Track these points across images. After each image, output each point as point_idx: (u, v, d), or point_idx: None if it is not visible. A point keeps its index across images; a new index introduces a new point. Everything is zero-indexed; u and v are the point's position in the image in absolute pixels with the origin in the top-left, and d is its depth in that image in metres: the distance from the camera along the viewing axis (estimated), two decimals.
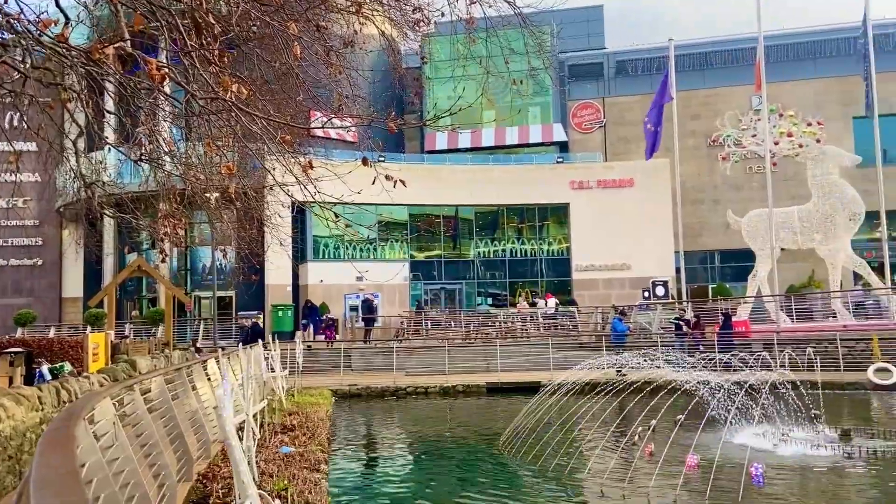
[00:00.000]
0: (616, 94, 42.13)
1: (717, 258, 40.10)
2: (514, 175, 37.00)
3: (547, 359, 21.17)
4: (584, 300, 33.99)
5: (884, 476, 9.14)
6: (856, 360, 19.52)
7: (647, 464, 9.63)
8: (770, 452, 10.40)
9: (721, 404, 10.89)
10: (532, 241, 37.65)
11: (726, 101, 36.78)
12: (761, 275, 25.95)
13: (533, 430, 11.38)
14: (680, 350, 20.28)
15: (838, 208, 24.44)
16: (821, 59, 39.50)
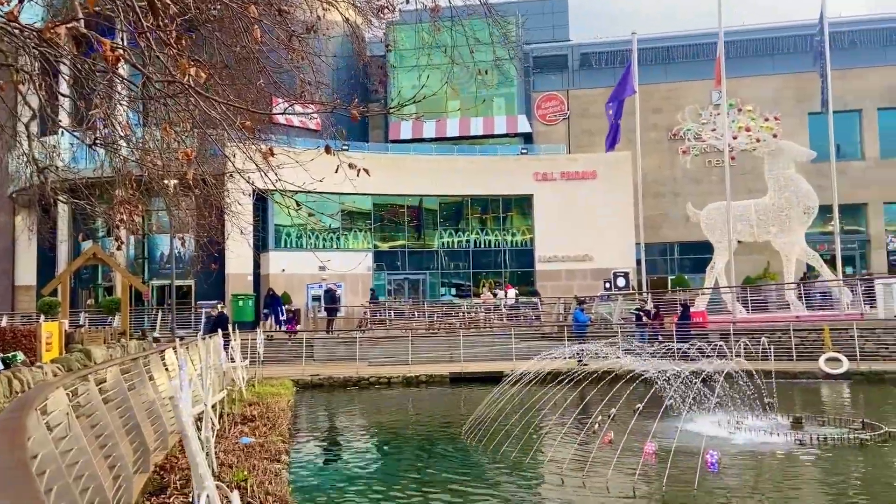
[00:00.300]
0: (580, 86, 42.44)
1: (676, 250, 40.79)
2: (478, 166, 37.07)
3: (510, 349, 21.34)
4: (547, 291, 34.27)
5: (833, 462, 9.42)
6: (808, 349, 20.08)
7: (606, 452, 9.77)
8: (725, 440, 10.65)
9: (679, 393, 11.10)
10: (496, 231, 37.81)
11: (687, 95, 37.37)
12: (719, 266, 26.50)
13: (495, 419, 11.45)
14: (640, 340, 20.63)
15: (793, 202, 25.05)
16: (779, 55, 40.35)
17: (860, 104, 39.37)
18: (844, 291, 24.41)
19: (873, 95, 39.38)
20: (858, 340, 19.62)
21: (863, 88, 39.19)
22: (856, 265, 39.44)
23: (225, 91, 7.17)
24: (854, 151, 40.04)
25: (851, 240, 39.34)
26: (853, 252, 39.67)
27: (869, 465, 9.26)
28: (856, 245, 39.85)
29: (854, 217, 39.77)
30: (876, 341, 20.03)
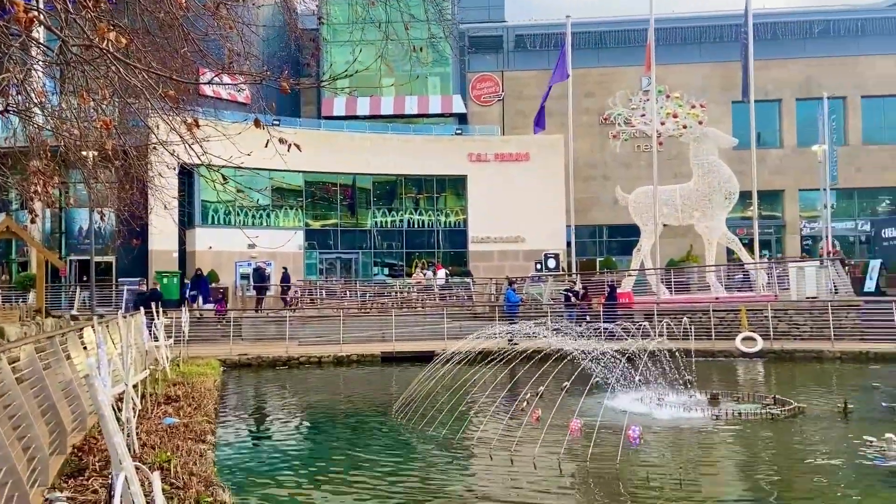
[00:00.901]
0: (515, 68, 42.69)
1: (605, 232, 41.81)
2: (412, 145, 36.89)
3: (442, 329, 21.46)
4: (480, 271, 34.59)
5: (746, 436, 9.90)
6: (726, 329, 20.98)
7: (534, 429, 9.97)
8: (647, 416, 11.03)
9: (604, 371, 11.42)
10: (430, 212, 37.81)
11: (619, 80, 38.08)
12: (645, 249, 27.29)
13: (425, 398, 11.51)
14: (568, 320, 21.07)
15: (716, 187, 25.94)
16: (706, 44, 41.56)
17: (780, 94, 41.07)
18: (761, 274, 25.58)
19: (792, 86, 41.14)
20: (772, 321, 20.63)
21: (783, 79, 40.88)
22: (772, 249, 41.38)
23: (147, 58, 6.84)
24: (773, 140, 41.82)
25: (768, 225, 41.21)
26: (770, 236, 41.60)
27: (779, 438, 9.77)
28: (772, 230, 41.78)
29: (771, 203, 41.62)
30: (788, 322, 21.10)
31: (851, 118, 41.30)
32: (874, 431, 9.32)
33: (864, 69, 41.01)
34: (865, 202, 42.48)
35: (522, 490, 7.58)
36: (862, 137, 41.29)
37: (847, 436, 9.52)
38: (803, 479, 7.77)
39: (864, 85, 41.03)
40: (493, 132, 39.14)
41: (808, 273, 23.05)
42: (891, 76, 40.85)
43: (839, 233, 40.62)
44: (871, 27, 41.36)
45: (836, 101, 39.57)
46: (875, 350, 18.45)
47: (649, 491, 7.40)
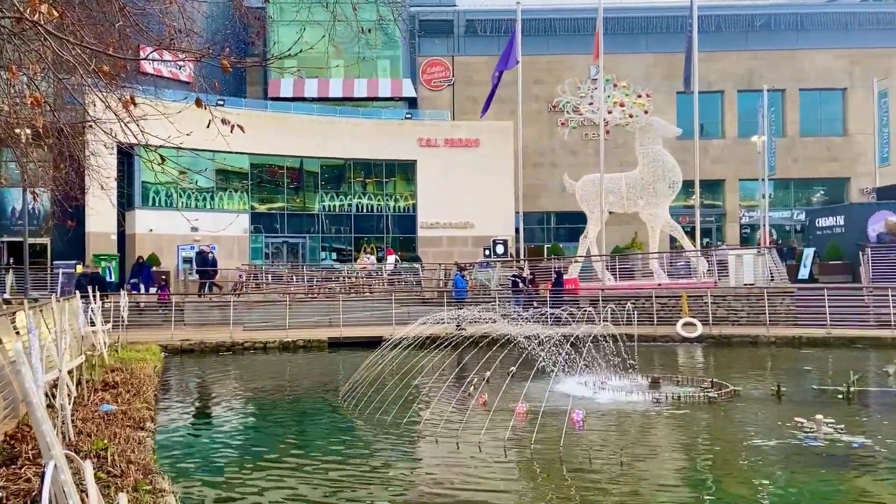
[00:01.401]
0: (465, 53, 42.61)
1: (553, 219, 42.30)
2: (362, 129, 36.55)
3: (390, 314, 21.40)
4: (429, 257, 34.63)
5: (685, 419, 10.19)
6: (667, 315, 21.52)
7: (480, 413, 10.05)
8: (590, 399, 11.24)
9: (550, 356, 11.58)
10: (379, 196, 37.61)
11: (567, 68, 38.43)
12: (591, 236, 27.73)
13: (372, 383, 11.48)
14: (516, 305, 21.29)
15: (660, 176, 26.49)
16: (652, 35, 42.24)
17: (723, 86, 42.13)
18: (701, 261, 26.30)
19: (734, 78, 42.24)
20: (711, 307, 21.26)
21: (725, 71, 41.92)
22: (713, 237, 42.58)
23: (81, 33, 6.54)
24: (715, 130, 42.92)
25: (710, 213, 42.36)
26: (711, 225, 42.78)
27: (716, 420, 10.09)
28: (713, 218, 42.97)
29: (712, 192, 42.77)
30: (727, 307, 21.77)
31: (790, 110, 42.68)
32: (804, 413, 9.71)
33: (803, 63, 42.38)
34: (801, 192, 44.08)
35: (468, 474, 7.63)
36: (799, 130, 42.74)
37: (779, 417, 9.88)
38: (738, 459, 8.04)
39: (803, 78, 42.42)
40: (443, 117, 39.08)
41: (746, 261, 23.80)
42: (827, 70, 42.34)
43: (776, 222, 42.08)
44: (811, 22, 42.70)
45: (776, 94, 40.82)
46: (807, 335, 19.21)
47: (591, 473, 7.55)
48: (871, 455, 8.03)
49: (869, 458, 7.93)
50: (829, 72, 42.33)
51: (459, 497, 6.90)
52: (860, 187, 40.85)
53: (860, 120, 41.05)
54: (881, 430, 9.15)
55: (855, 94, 41.89)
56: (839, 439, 8.58)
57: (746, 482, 7.23)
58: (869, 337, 18.78)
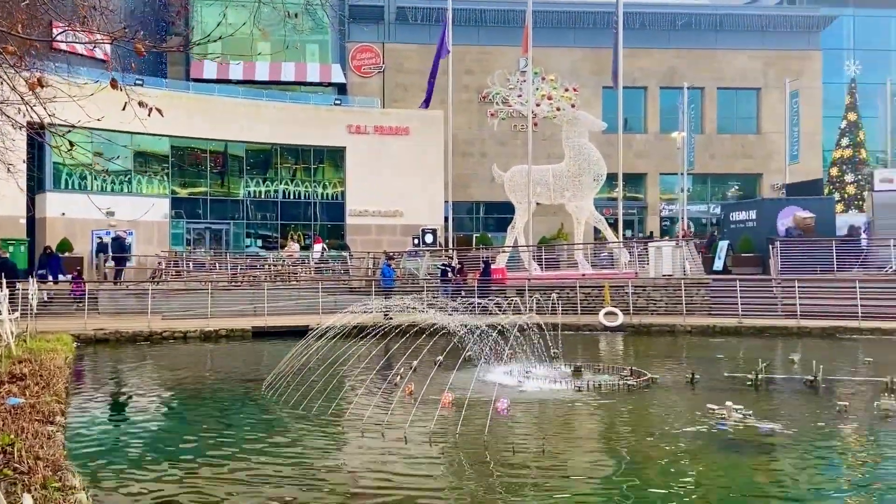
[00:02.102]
0: (396, 40, 42.30)
1: (482, 209, 42.66)
2: (289, 113, 35.80)
3: (316, 303, 21.15)
4: (357, 245, 34.36)
5: (605, 406, 10.50)
6: (591, 304, 22.10)
7: (406, 403, 10.07)
8: (515, 388, 11.44)
9: (476, 345, 11.70)
10: (307, 183, 37.00)
11: (497, 60, 38.71)
12: (519, 226, 28.12)
13: (298, 373, 11.31)
14: (444, 295, 21.41)
15: (585, 169, 27.06)
16: (580, 30, 42.99)
17: (646, 82, 43.35)
18: (623, 252, 27.10)
19: (657, 75, 43.55)
20: (632, 297, 21.95)
21: (649, 68, 43.15)
22: (634, 229, 43.93)
23: None
24: (638, 125, 44.16)
25: (632, 206, 43.63)
26: (633, 217, 44.10)
27: (634, 407, 10.44)
28: (635, 211, 44.31)
29: (635, 185, 44.09)
30: (646, 297, 22.53)
31: (708, 108, 44.36)
32: (716, 399, 10.17)
33: (721, 63, 44.09)
34: (717, 187, 45.98)
35: (393, 464, 7.64)
36: (716, 127, 44.51)
37: (693, 404, 10.31)
38: (654, 445, 8.35)
39: (721, 77, 44.15)
40: (373, 104, 38.72)
41: (665, 252, 24.66)
42: (744, 70, 44.20)
43: (693, 215, 43.78)
44: (729, 23, 44.42)
45: (695, 92, 42.36)
46: (720, 324, 20.10)
47: (514, 461, 7.68)
48: (776, 439, 8.49)
49: (775, 442, 8.38)
50: (745, 72, 44.21)
51: (382, 488, 6.90)
52: (771, 183, 42.93)
53: (773, 119, 43.09)
54: (786, 416, 9.68)
55: (768, 95, 43.92)
56: (747, 425, 9.03)
57: (662, 467, 7.52)
58: (777, 326, 19.81)
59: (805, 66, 43.77)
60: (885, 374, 11.62)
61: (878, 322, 19.37)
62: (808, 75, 43.37)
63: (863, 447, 8.48)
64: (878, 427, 9.12)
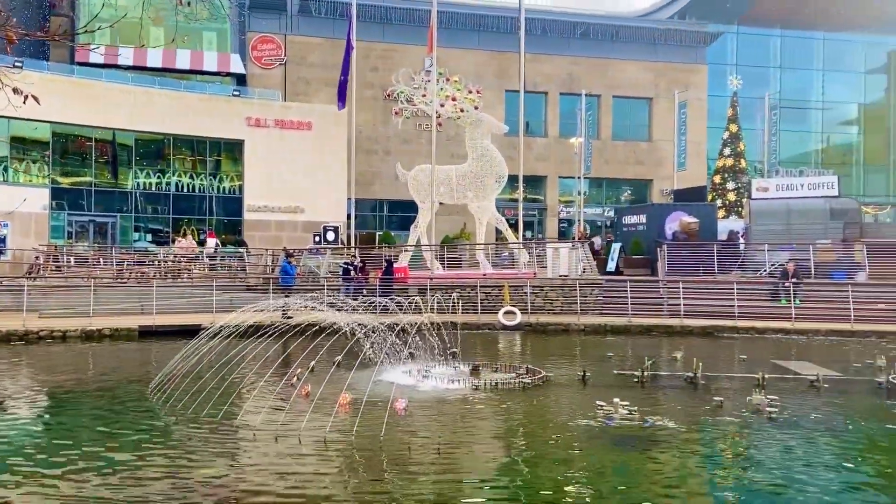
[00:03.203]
0: (299, 32, 41.42)
1: (385, 207, 42.50)
2: (184, 103, 34.32)
3: (210, 301, 20.41)
4: (256, 241, 33.43)
5: (501, 405, 10.68)
6: (491, 304, 22.46)
7: (303, 405, 9.87)
8: (413, 388, 11.45)
9: (375, 345, 11.62)
10: (202, 176, 35.63)
11: (402, 58, 38.63)
12: (421, 225, 28.20)
13: (188, 374, 10.86)
14: (345, 293, 21.16)
15: (488, 170, 27.47)
16: (484, 33, 43.67)
17: (547, 87, 44.57)
18: (523, 253, 27.73)
19: (557, 81, 44.85)
20: (530, 296, 22.49)
21: (549, 73, 44.39)
22: (534, 230, 45.07)
23: None
24: (539, 129, 45.36)
25: (532, 208, 44.79)
26: (533, 218, 45.25)
27: (529, 404, 10.68)
28: (535, 212, 45.48)
29: (535, 187, 45.25)
30: (544, 297, 23.13)
31: (604, 115, 46.11)
32: (605, 396, 10.57)
33: (616, 72, 45.93)
34: (611, 191, 47.90)
35: (285, 467, 7.47)
36: (611, 133, 46.34)
37: (584, 401, 10.67)
38: (547, 442, 8.57)
39: (616, 86, 45.99)
40: (274, 97, 37.74)
41: (562, 253, 25.43)
42: (636, 80, 46.23)
43: (589, 217, 45.40)
44: (624, 35, 46.33)
45: (593, 99, 43.93)
46: (611, 323, 20.92)
47: (410, 461, 7.69)
48: (659, 433, 8.91)
49: (657, 436, 8.79)
50: (638, 82, 46.27)
51: (274, 492, 6.72)
52: (661, 189, 45.13)
53: (663, 128, 45.31)
54: (668, 411, 10.18)
55: (659, 104, 46.15)
56: (633, 420, 9.44)
57: (553, 463, 7.73)
58: (663, 325, 20.82)
59: (692, 79, 46.31)
60: (757, 370, 12.45)
61: (752, 321, 20.73)
62: (695, 88, 45.92)
63: (735, 439, 9.04)
64: (750, 420, 9.75)
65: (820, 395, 11.53)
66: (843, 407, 10.78)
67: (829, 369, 13.62)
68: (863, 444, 8.76)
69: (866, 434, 9.17)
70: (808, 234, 27.64)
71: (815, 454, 8.26)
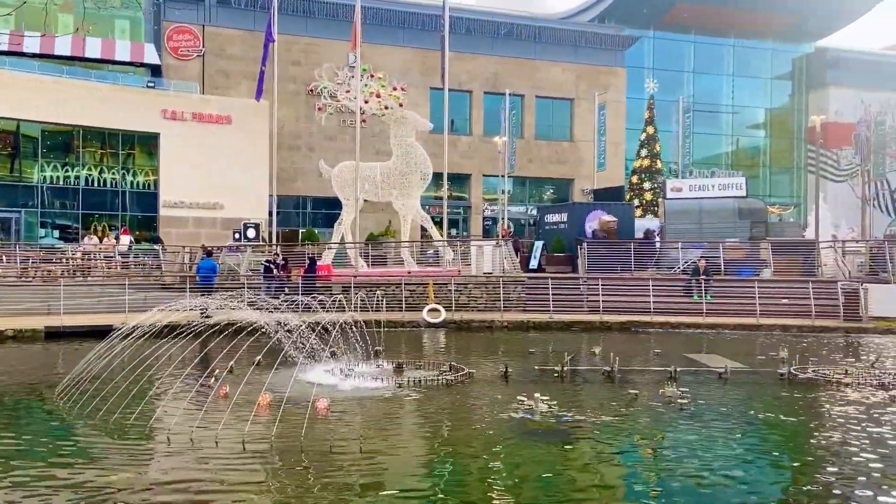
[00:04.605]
0: (217, 24, 40.23)
1: (309, 204, 41.88)
2: (95, 93, 32.83)
3: (123, 300, 19.58)
4: (172, 238, 32.32)
5: (424, 402, 10.71)
6: (415, 301, 22.48)
7: (220, 406, 9.61)
8: (335, 387, 11.32)
9: (297, 344, 11.43)
10: (114, 170, 34.19)
11: (326, 53, 38.15)
12: (346, 222, 27.94)
13: (97, 377, 10.37)
14: (266, 292, 20.72)
15: (412, 168, 27.47)
16: (409, 30, 43.63)
17: (471, 86, 44.96)
18: (448, 250, 27.87)
19: (481, 80, 45.31)
20: (454, 294, 22.64)
21: (474, 72, 44.79)
22: (459, 228, 45.39)
23: None
24: (464, 127, 45.69)
25: (457, 205, 45.09)
26: (458, 216, 45.57)
27: (452, 401, 10.75)
28: (460, 210, 45.80)
29: (460, 185, 45.58)
30: (468, 295, 23.34)
31: (527, 115, 46.89)
32: (526, 391, 10.76)
33: (539, 73, 46.79)
34: (534, 190, 48.78)
35: (201, 472, 7.24)
36: (535, 133, 47.17)
37: (506, 397, 10.82)
38: (468, 437, 8.65)
39: (539, 86, 46.84)
40: (191, 90, 36.55)
41: (487, 251, 25.71)
42: (559, 81, 47.24)
43: (513, 216, 46.08)
44: (546, 36, 47.23)
45: (517, 98, 44.58)
46: (534, 320, 21.32)
47: (331, 461, 7.60)
48: (577, 426, 9.14)
49: (576, 429, 9.01)
50: (560, 83, 47.28)
51: (188, 498, 6.51)
52: (581, 188, 46.28)
53: (584, 129, 46.46)
54: (586, 404, 10.46)
55: (580, 106, 47.30)
56: (552, 414, 9.64)
57: (475, 459, 7.80)
58: (583, 321, 21.37)
59: (611, 81, 47.69)
60: (670, 364, 12.95)
61: (667, 316, 21.55)
62: (614, 90, 47.31)
63: (649, 430, 9.37)
64: (662, 411, 10.13)
65: (727, 387, 12.10)
66: (748, 397, 11.35)
67: (736, 362, 14.31)
68: (765, 431, 9.25)
69: (768, 422, 9.68)
70: (718, 232, 28.94)
71: (723, 442, 8.65)
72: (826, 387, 11.93)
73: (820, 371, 12.94)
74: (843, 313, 21.59)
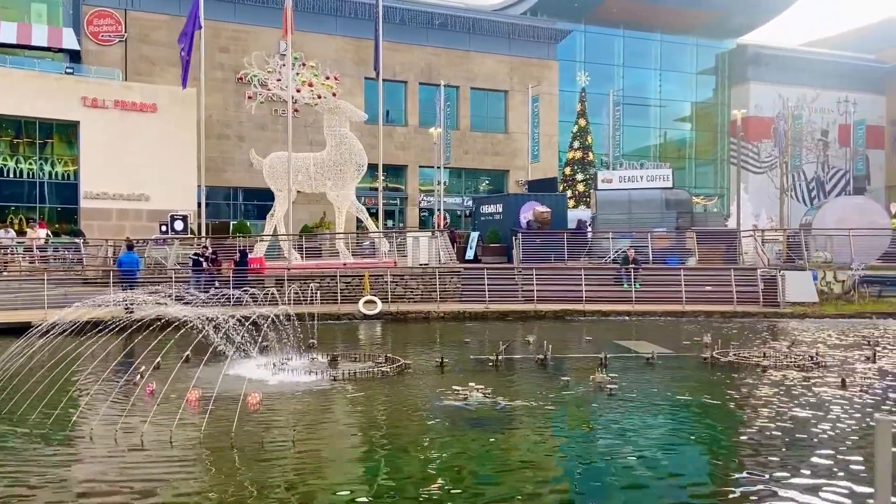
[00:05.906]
0: (140, 8, 38.69)
1: (240, 195, 40.90)
2: (9, 80, 31.21)
3: (41, 296, 18.71)
4: (94, 231, 31.05)
5: (359, 394, 10.63)
6: (351, 293, 22.28)
7: (146, 403, 9.31)
8: (267, 381, 11.12)
9: (227, 339, 11.17)
10: (31, 160, 32.60)
11: (255, 40, 37.29)
12: (278, 214, 27.41)
13: (13, 377, 9.88)
14: (195, 286, 20.14)
15: (347, 158, 27.14)
16: (342, 18, 43.00)
17: (406, 76, 44.73)
18: (383, 242, 27.72)
19: (416, 70, 45.13)
20: (391, 285, 22.55)
21: (408, 63, 44.57)
22: (395, 219, 45.21)
23: None
24: (399, 118, 45.45)
25: (393, 196, 44.88)
26: (394, 207, 45.36)
27: (388, 393, 10.71)
28: (396, 201, 45.61)
29: (396, 176, 45.37)
30: (404, 286, 23.28)
31: (462, 106, 47.01)
32: (462, 381, 10.83)
33: (474, 64, 46.95)
34: (470, 181, 49.01)
35: (127, 472, 7.00)
36: (470, 124, 47.36)
37: (441, 387, 10.86)
38: (405, 429, 8.64)
39: (473, 78, 47.01)
40: (112, 76, 35.08)
41: (423, 242, 25.70)
42: (493, 73, 47.52)
43: (449, 207, 46.18)
44: (480, 28, 47.39)
45: (452, 90, 44.64)
46: (470, 310, 21.45)
47: (263, 456, 7.47)
48: (512, 413, 9.26)
49: (511, 416, 9.13)
50: (495, 75, 47.58)
51: (110, 499, 6.28)
52: (516, 179, 46.78)
53: (518, 120, 46.93)
54: (520, 392, 10.60)
55: (514, 98, 47.73)
56: (487, 402, 9.74)
57: (411, 450, 7.80)
58: (518, 310, 21.65)
59: (544, 74, 48.30)
60: (601, 351, 13.27)
61: (598, 304, 22.05)
62: (547, 82, 47.93)
63: (580, 414, 9.58)
64: (593, 397, 10.38)
65: (654, 371, 12.49)
66: (673, 381, 11.75)
67: (662, 347, 14.79)
68: (689, 412, 9.59)
69: (692, 404, 10.04)
70: (646, 222, 29.76)
71: (649, 423, 8.93)
72: (746, 369, 12.45)
73: (740, 354, 13.51)
74: (763, 299, 22.57)
